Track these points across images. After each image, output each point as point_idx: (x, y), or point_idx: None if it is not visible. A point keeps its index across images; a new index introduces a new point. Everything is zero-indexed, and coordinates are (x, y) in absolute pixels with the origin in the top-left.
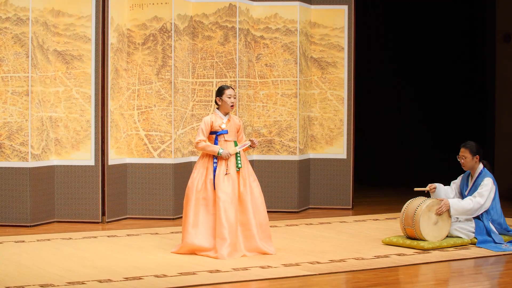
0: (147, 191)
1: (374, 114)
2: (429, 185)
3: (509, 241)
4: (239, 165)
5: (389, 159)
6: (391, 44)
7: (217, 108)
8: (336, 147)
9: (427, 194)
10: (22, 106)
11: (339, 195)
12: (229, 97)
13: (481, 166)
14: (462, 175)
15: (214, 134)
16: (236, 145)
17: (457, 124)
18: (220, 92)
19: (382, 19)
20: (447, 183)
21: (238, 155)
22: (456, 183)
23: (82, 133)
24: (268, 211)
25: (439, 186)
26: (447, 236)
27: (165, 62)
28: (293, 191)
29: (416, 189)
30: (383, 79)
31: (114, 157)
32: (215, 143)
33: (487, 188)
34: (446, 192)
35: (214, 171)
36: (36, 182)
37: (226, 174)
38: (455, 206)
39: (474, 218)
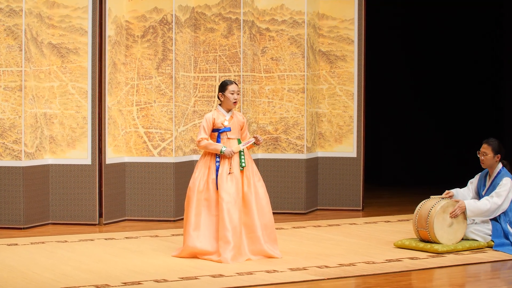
0: (146, 191)
1: (386, 110)
2: (446, 192)
3: None
4: (243, 164)
5: (401, 158)
6: (403, 37)
7: (220, 104)
8: (346, 145)
9: (442, 192)
10: (15, 102)
11: (349, 196)
12: (232, 93)
13: (500, 165)
14: (479, 174)
15: (217, 132)
16: (239, 143)
17: (472, 123)
18: (222, 87)
19: (395, 11)
20: (461, 182)
21: (242, 153)
22: (473, 183)
23: (78, 130)
24: (273, 213)
25: (456, 192)
26: (462, 239)
27: (166, 55)
28: (300, 191)
29: (432, 197)
30: (395, 74)
31: (112, 156)
32: (218, 141)
33: (506, 188)
34: (464, 196)
35: (217, 170)
36: (30, 182)
37: (229, 173)
38: (471, 207)
39: (491, 220)
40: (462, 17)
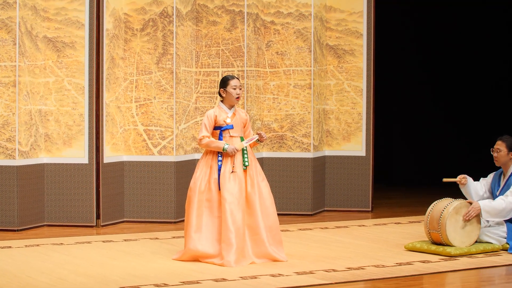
0: (146, 192)
1: (396, 107)
2: (460, 176)
3: None
4: (246, 163)
5: (412, 157)
6: (415, 31)
7: (221, 101)
8: (354, 143)
9: (455, 191)
10: (9, 98)
11: (357, 196)
12: (234, 89)
13: None
14: (493, 173)
15: (219, 130)
16: (242, 141)
17: (485, 121)
18: (224, 83)
19: (405, 3)
20: (475, 180)
21: (245, 151)
22: (486, 181)
23: (75, 128)
24: (278, 214)
25: (470, 180)
26: (476, 242)
27: (166, 50)
28: (306, 191)
29: (445, 179)
30: (405, 69)
31: (110, 155)
32: (220, 139)
33: None
34: (476, 189)
35: (219, 169)
36: (24, 182)
37: (232, 172)
38: (486, 208)
39: (506, 221)
40: (476, 11)
